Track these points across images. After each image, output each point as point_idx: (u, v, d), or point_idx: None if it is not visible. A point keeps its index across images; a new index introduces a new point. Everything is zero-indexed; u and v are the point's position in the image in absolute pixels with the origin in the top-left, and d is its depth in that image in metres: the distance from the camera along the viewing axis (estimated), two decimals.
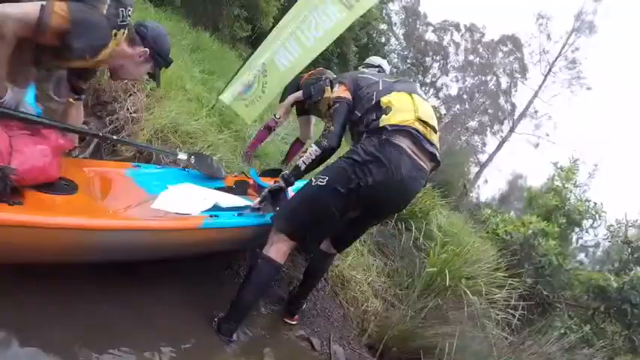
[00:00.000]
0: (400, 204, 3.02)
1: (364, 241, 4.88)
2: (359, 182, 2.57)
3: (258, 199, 3.07)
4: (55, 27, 2.06)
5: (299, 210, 2.77)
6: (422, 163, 2.69)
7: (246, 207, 3.20)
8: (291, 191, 3.12)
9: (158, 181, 3.17)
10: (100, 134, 3.04)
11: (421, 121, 2.66)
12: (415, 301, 4.33)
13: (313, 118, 5.60)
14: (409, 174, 2.62)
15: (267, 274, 2.82)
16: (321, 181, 2.67)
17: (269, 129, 5.21)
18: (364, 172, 2.56)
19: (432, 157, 2.75)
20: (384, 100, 2.72)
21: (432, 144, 2.71)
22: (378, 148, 2.59)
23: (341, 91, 2.92)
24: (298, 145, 5.71)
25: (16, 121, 2.22)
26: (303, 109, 5.26)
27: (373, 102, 2.75)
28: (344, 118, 2.86)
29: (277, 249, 2.74)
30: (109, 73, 2.79)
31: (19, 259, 2.00)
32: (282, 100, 5.42)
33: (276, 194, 3.02)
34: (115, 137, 3.41)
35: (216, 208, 2.98)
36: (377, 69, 4.39)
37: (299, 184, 3.04)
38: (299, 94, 4.93)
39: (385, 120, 2.64)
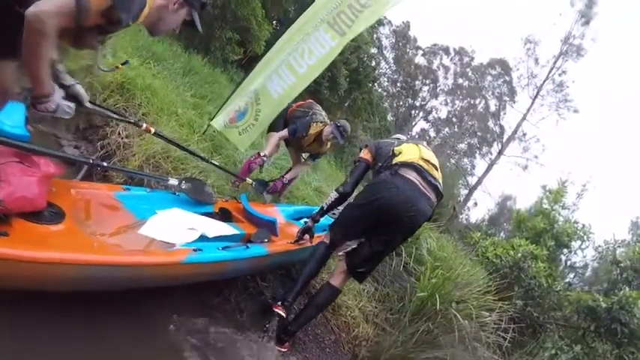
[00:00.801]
0: (409, 216, 3.43)
1: None
2: (375, 197, 3.40)
3: (297, 236, 3.85)
4: (96, 8, 2.08)
5: (338, 217, 3.80)
6: (426, 191, 3.46)
7: (233, 236, 3.29)
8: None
9: (147, 205, 3.15)
10: (91, 161, 3.01)
11: (424, 159, 3.55)
12: (406, 326, 4.35)
13: None
14: (413, 194, 3.38)
15: (322, 251, 3.67)
16: (352, 200, 3.74)
17: (259, 166, 5.17)
18: (379, 191, 3.42)
19: (435, 189, 3.53)
20: (397, 149, 3.68)
21: (434, 178, 3.53)
22: (390, 176, 3.45)
23: (364, 154, 3.89)
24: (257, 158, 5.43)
25: (7, 147, 2.21)
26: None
27: (390, 153, 3.68)
28: (360, 173, 3.84)
29: (325, 237, 3.70)
30: (147, 31, 2.69)
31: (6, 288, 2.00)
32: (269, 129, 5.51)
33: (307, 230, 3.86)
34: (105, 164, 3.31)
35: (202, 238, 3.00)
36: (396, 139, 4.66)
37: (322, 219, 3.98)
38: (285, 133, 5.22)
39: (396, 159, 3.56)
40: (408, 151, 3.62)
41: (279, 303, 3.41)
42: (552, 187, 11.21)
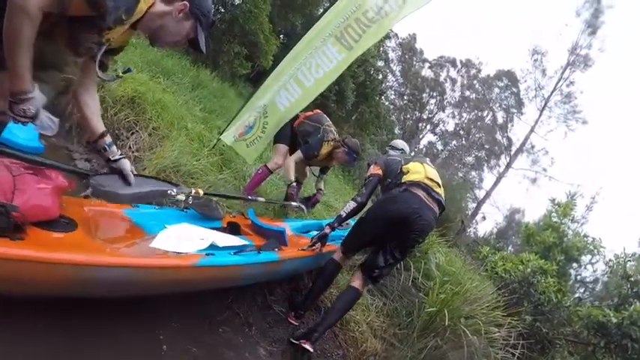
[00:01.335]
0: (417, 227, 3.86)
1: None
2: (387, 210, 3.90)
3: (312, 241, 4.02)
4: None
5: (350, 232, 4.18)
6: (431, 205, 3.92)
7: (244, 246, 3.27)
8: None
9: (156, 221, 3.16)
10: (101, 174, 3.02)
11: (429, 178, 4.03)
12: (415, 341, 4.32)
13: None
14: (420, 207, 3.84)
15: (331, 269, 4.04)
16: (364, 215, 4.12)
17: (266, 175, 5.38)
18: (388, 207, 3.93)
19: (439, 203, 4.00)
20: (405, 167, 4.14)
21: (438, 194, 4.00)
22: (399, 192, 3.92)
23: (375, 170, 4.25)
24: (299, 185, 5.81)
25: (21, 160, 2.24)
26: (294, 146, 5.51)
27: (398, 171, 4.14)
28: (374, 186, 4.18)
29: (337, 254, 4.06)
30: (148, 40, 2.53)
31: (17, 292, 2.02)
32: (275, 141, 5.54)
33: (323, 237, 4.04)
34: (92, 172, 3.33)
35: (213, 247, 3.01)
36: (400, 151, 5.05)
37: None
38: (300, 155, 5.31)
39: (404, 178, 4.02)
40: (415, 171, 4.09)
41: (293, 314, 3.90)
42: (561, 200, 11.13)
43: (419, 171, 4.10)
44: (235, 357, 3.15)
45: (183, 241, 2.94)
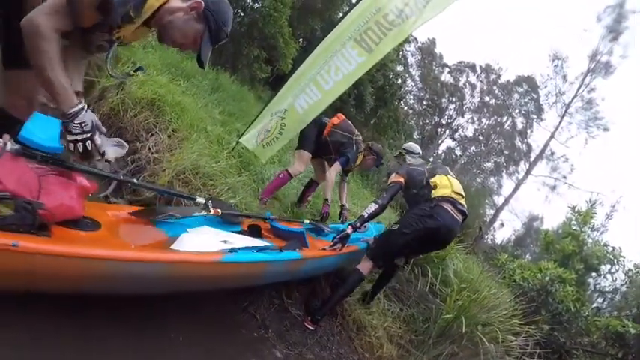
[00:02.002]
0: (445, 240, 4.47)
1: None
2: (418, 227, 4.16)
3: (333, 241, 4.18)
4: (89, 2, 1.94)
5: (380, 244, 4.41)
6: (457, 217, 4.27)
7: (265, 246, 3.29)
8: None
9: (178, 225, 3.19)
10: (121, 177, 3.04)
11: (455, 192, 4.38)
12: (431, 348, 4.31)
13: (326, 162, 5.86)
14: (449, 223, 4.21)
15: (355, 280, 4.19)
16: (395, 227, 4.35)
17: (287, 181, 5.43)
18: (423, 222, 4.17)
19: (462, 213, 4.34)
20: (432, 181, 4.44)
21: (462, 205, 4.36)
22: (431, 209, 4.21)
23: (397, 178, 4.53)
24: (314, 186, 6.02)
25: (45, 164, 2.26)
26: (318, 153, 5.62)
27: (424, 183, 4.46)
28: (395, 192, 4.44)
29: (364, 266, 4.25)
30: (156, 36, 2.39)
31: (43, 289, 2.04)
32: (299, 146, 5.59)
33: (345, 237, 4.18)
34: (135, 181, 3.35)
35: (234, 249, 3.03)
36: (417, 155, 5.57)
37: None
38: (339, 167, 5.49)
39: (434, 193, 4.34)
40: (443, 185, 4.42)
41: (310, 318, 3.95)
42: (581, 208, 11.01)
43: (446, 185, 4.43)
44: (251, 359, 3.15)
45: (204, 243, 2.97)
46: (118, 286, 2.25)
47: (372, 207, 4.32)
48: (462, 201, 4.43)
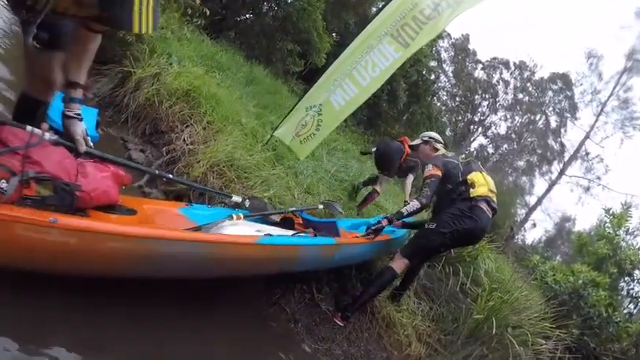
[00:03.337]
0: (478, 238, 4.55)
1: (411, 284, 4.84)
2: (457, 227, 4.10)
3: (369, 231, 4.16)
4: None
5: (416, 242, 4.37)
6: (490, 215, 4.27)
7: (298, 233, 3.53)
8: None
9: (210, 219, 3.22)
10: (157, 172, 3.11)
11: (491, 191, 4.34)
12: (459, 349, 4.28)
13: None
14: (486, 223, 4.22)
15: (389, 278, 4.14)
16: (431, 226, 4.24)
17: (376, 196, 6.47)
18: (461, 222, 4.11)
19: (494, 210, 4.33)
20: (469, 178, 4.29)
21: (495, 203, 4.36)
22: (469, 208, 4.17)
23: (435, 170, 4.31)
24: (375, 195, 6.51)
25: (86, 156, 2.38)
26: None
27: (460, 179, 4.32)
28: (435, 188, 4.24)
29: (398, 264, 4.16)
30: None
31: (79, 270, 2.09)
32: (384, 172, 6.47)
33: (380, 229, 4.16)
34: (171, 176, 3.37)
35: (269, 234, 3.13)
36: (442, 144, 5.26)
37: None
38: (412, 179, 7.00)
39: (473, 192, 4.22)
40: (480, 183, 4.29)
41: (340, 315, 3.93)
42: (615, 211, 10.77)
43: (483, 183, 4.32)
44: (279, 352, 3.18)
45: (238, 231, 3.04)
46: (152, 267, 2.29)
47: (414, 205, 4.16)
48: (495, 199, 4.40)
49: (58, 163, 2.14)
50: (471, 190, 4.25)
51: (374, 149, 6.78)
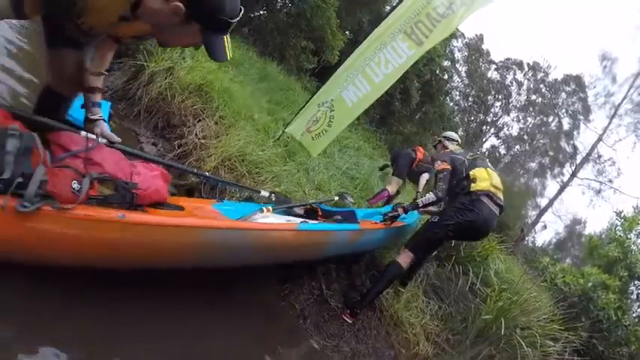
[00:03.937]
0: (482, 233, 4.58)
1: (420, 283, 4.86)
2: (459, 220, 4.20)
3: (385, 217, 4.43)
4: None
5: (420, 236, 4.45)
6: (494, 211, 4.33)
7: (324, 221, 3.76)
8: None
9: (241, 213, 3.34)
10: (195, 171, 3.50)
11: (493, 185, 4.37)
12: (467, 348, 4.28)
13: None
14: (487, 216, 4.26)
15: (395, 272, 4.18)
16: (435, 219, 4.37)
17: (387, 195, 6.78)
18: (463, 215, 4.20)
19: (499, 207, 4.39)
20: (471, 173, 4.40)
21: (500, 199, 4.40)
22: (470, 202, 4.25)
23: (444, 165, 4.50)
24: (385, 193, 6.83)
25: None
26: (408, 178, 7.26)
27: (464, 174, 4.44)
28: (448, 181, 4.42)
29: (404, 259, 4.22)
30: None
31: (145, 262, 2.23)
32: (394, 172, 7.14)
33: (396, 217, 4.43)
34: (209, 175, 3.69)
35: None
36: (456, 142, 5.54)
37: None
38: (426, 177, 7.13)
39: (474, 187, 4.32)
40: (482, 178, 4.38)
41: (349, 312, 3.94)
42: (627, 214, 10.71)
43: (485, 178, 4.39)
44: (287, 348, 3.19)
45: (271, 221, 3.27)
46: (211, 255, 2.48)
47: (430, 197, 4.35)
48: (500, 194, 4.45)
49: (116, 164, 2.35)
50: (472, 184, 4.35)
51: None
